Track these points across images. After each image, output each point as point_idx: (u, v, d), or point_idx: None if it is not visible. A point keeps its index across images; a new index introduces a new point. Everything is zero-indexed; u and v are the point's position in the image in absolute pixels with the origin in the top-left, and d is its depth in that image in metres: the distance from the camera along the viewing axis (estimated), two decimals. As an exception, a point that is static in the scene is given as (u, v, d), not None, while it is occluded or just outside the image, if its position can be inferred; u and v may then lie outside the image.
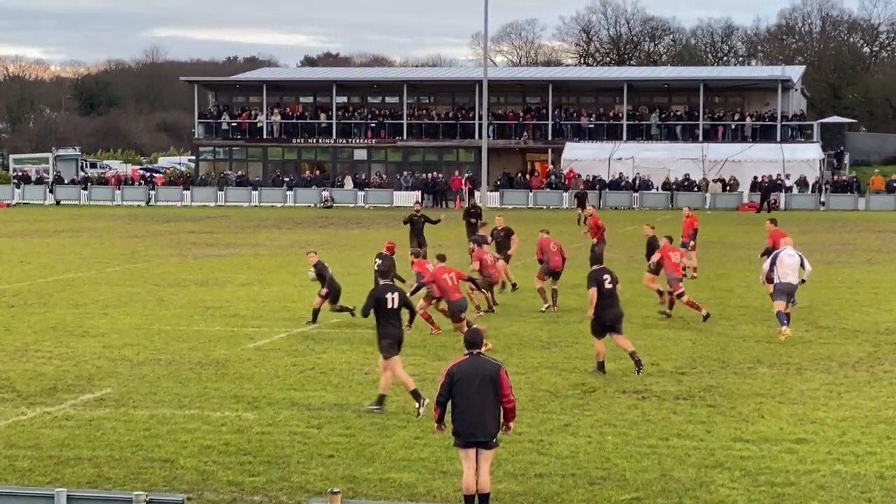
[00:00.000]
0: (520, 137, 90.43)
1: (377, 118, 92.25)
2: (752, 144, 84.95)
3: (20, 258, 43.40)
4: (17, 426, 17.66)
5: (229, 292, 33.44)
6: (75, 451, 16.30)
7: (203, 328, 27.02)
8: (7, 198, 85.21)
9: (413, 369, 21.91)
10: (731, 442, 16.71)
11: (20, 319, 28.20)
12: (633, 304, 30.53)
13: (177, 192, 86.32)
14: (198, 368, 22.12)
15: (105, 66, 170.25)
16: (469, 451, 13.24)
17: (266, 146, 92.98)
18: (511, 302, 30.85)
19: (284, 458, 15.89)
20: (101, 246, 48.97)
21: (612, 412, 18.48)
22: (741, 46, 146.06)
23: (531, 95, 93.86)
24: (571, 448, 16.38)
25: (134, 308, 30.22)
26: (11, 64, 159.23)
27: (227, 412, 18.51)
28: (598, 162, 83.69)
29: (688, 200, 77.86)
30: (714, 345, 24.58)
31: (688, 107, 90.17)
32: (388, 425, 17.63)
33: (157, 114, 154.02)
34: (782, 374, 21.59)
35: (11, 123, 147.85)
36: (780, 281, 25.58)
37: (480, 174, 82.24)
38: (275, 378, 21.19)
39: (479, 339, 13.53)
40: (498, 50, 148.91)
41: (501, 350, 23.09)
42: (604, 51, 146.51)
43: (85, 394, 19.88)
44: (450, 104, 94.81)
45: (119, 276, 37.75)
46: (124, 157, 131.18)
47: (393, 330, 18.66)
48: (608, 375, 21.28)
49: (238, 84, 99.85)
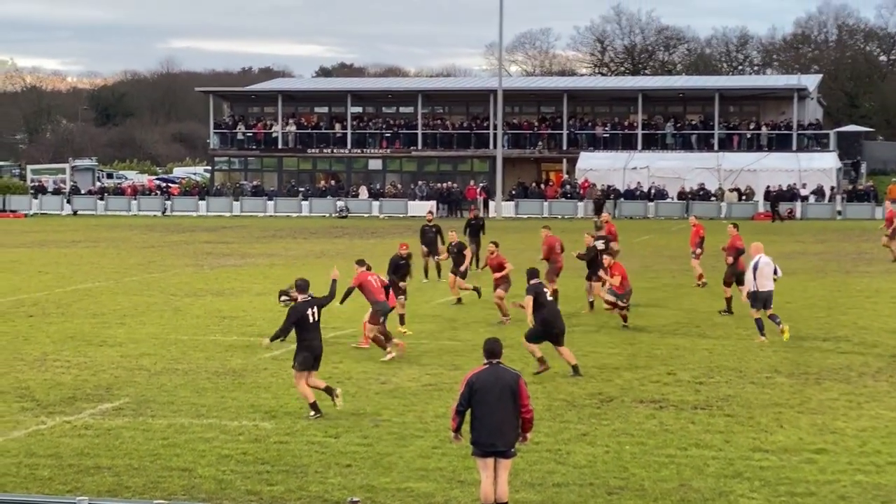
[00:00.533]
0: (534, 147, 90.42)
1: (392, 128, 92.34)
2: (768, 153, 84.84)
3: (38, 268, 43.51)
4: (37, 435, 17.70)
5: (245, 302, 33.48)
6: (95, 459, 16.33)
7: (220, 338, 27.06)
8: (25, 208, 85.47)
9: (430, 378, 21.94)
10: (750, 452, 16.66)
11: (39, 329, 28.26)
12: (648, 316, 30.52)
13: (192, 203, 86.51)
14: (215, 378, 22.15)
15: (121, 77, 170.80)
16: (487, 460, 13.23)
17: (281, 156, 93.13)
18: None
19: (302, 468, 15.89)
20: (118, 256, 49.07)
21: (629, 422, 18.44)
22: (756, 55, 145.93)
23: (546, 105, 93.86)
24: (589, 457, 16.36)
25: (151, 318, 30.28)
26: (29, 75, 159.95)
27: (245, 421, 18.52)
28: (613, 171, 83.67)
29: (703, 210, 77.88)
30: (731, 354, 24.53)
31: (703, 116, 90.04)
32: (405, 435, 17.62)
33: (173, 124, 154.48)
34: (801, 383, 21.53)
35: (29, 134, 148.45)
36: (760, 290, 25.90)
37: (495, 184, 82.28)
38: (292, 388, 21.13)
39: (499, 348, 13.52)
40: (512, 60, 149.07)
41: (518, 359, 23.04)
42: (618, 60, 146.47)
43: (104, 403, 19.91)
44: (464, 114, 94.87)
45: (136, 285, 37.83)
46: (140, 167, 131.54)
47: (314, 344, 18.96)
48: (625, 385, 21.25)
49: (253, 94, 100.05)
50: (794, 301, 33.25)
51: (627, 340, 26.35)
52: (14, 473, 15.66)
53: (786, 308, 31.67)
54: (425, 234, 38.77)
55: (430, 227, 39.09)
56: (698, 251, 36.98)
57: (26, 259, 47.49)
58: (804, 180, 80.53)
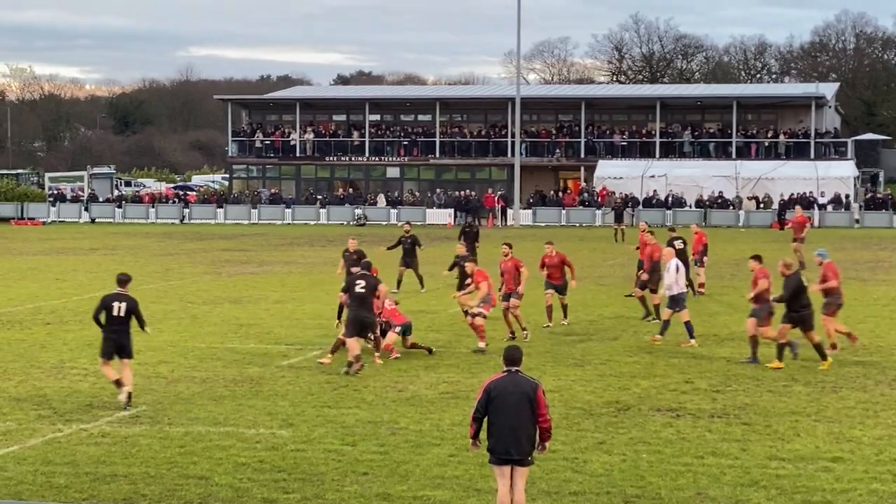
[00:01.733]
0: (552, 155, 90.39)
1: (410, 136, 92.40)
2: (786, 162, 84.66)
3: (56, 276, 43.65)
4: (53, 443, 17.75)
5: (263, 310, 33.53)
6: (111, 467, 16.36)
7: (237, 346, 27.11)
8: (43, 216, 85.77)
9: (447, 386, 21.94)
10: (767, 460, 16.63)
11: (56, 337, 28.35)
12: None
13: (210, 210, 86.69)
14: (232, 386, 22.19)
15: (140, 85, 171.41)
16: (504, 468, 13.22)
17: (299, 164, 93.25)
18: (542, 319, 30.60)
19: (319, 476, 15.90)
20: (136, 263, 49.19)
21: (646, 430, 18.42)
22: (774, 64, 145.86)
23: (564, 113, 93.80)
24: (606, 466, 16.34)
25: (168, 325, 30.34)
26: (47, 83, 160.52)
27: (262, 429, 18.55)
28: (631, 180, 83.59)
29: (721, 218, 77.85)
30: (749, 363, 24.46)
31: (721, 124, 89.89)
32: (422, 443, 17.62)
33: (191, 132, 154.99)
34: (818, 392, 21.48)
35: (47, 142, 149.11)
36: (680, 292, 26.79)
37: (513, 192, 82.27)
38: (309, 395, 21.22)
39: (519, 356, 13.50)
40: (531, 68, 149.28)
41: (535, 368, 23.05)
42: (636, 68, 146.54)
43: (120, 411, 19.95)
44: (482, 122, 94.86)
45: (153, 293, 37.90)
46: (158, 175, 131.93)
47: (114, 336, 20.44)
48: (642, 393, 21.23)
49: (271, 102, 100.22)
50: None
51: (645, 349, 26.32)
52: (30, 481, 15.71)
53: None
54: (402, 244, 38.61)
55: (407, 238, 39.03)
56: (704, 259, 37.48)
57: (44, 267, 47.64)
58: (822, 188, 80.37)
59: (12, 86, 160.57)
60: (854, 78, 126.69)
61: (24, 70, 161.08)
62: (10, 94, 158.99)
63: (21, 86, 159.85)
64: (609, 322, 30.77)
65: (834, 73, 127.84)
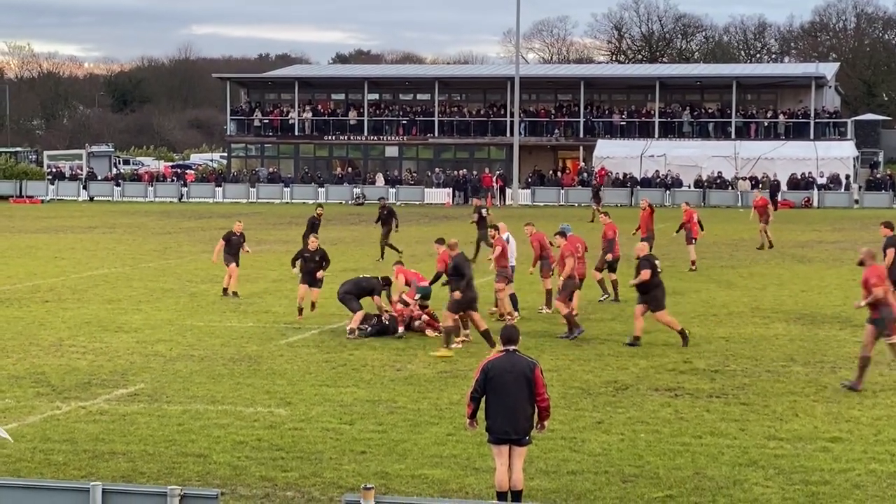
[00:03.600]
0: (551, 135, 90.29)
1: (409, 115, 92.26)
2: (785, 142, 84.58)
3: (54, 254, 43.62)
4: (52, 420, 17.76)
5: (261, 288, 33.52)
6: (109, 445, 16.37)
7: (235, 324, 27.11)
8: (41, 194, 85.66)
9: (445, 366, 21.94)
10: (765, 440, 16.63)
11: (54, 314, 28.34)
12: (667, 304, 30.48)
13: (209, 189, 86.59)
14: (230, 364, 22.19)
15: (138, 64, 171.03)
16: (502, 447, 13.21)
17: (298, 143, 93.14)
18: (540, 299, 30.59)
19: (317, 454, 15.91)
20: (134, 242, 49.18)
21: (644, 410, 18.43)
22: (774, 44, 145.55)
23: (563, 93, 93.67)
24: (604, 445, 16.35)
25: (167, 304, 30.34)
26: (46, 61, 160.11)
27: (260, 408, 18.55)
28: (630, 159, 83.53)
29: (720, 198, 77.82)
30: (747, 343, 24.49)
31: (720, 104, 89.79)
32: (420, 422, 17.63)
33: (190, 111, 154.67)
34: (816, 372, 21.49)
35: (46, 120, 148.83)
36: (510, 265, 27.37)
37: (512, 171, 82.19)
38: (307, 374, 21.23)
39: (516, 335, 13.49)
40: (530, 47, 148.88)
41: (533, 347, 23.04)
42: (636, 48, 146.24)
43: (119, 389, 19.96)
44: (481, 101, 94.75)
45: (152, 272, 37.92)
46: (157, 153, 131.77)
47: None
48: (640, 373, 21.24)
49: (270, 81, 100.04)
50: (811, 290, 33.19)
51: (643, 328, 26.27)
52: (29, 458, 15.72)
53: (801, 296, 31.67)
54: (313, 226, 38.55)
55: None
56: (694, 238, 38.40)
57: (43, 245, 47.60)
58: (821, 169, 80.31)
59: (11, 63, 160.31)
60: (854, 58, 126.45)
61: (22, 48, 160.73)
62: (9, 71, 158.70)
63: (20, 63, 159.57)
64: (606, 303, 30.73)
65: (834, 53, 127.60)
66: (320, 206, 43.15)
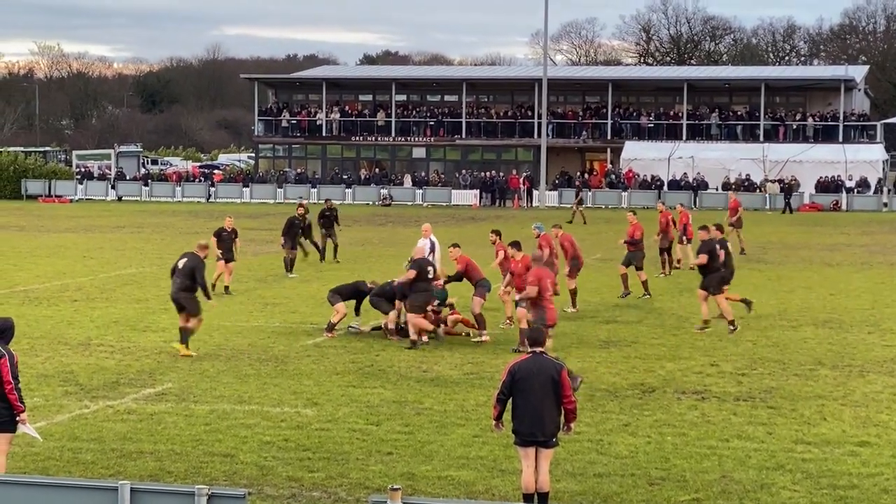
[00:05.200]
0: (579, 136, 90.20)
1: (436, 116, 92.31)
2: (814, 145, 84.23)
3: (83, 253, 43.81)
4: (80, 419, 17.83)
5: (289, 289, 33.59)
6: (137, 444, 16.43)
7: (262, 324, 27.16)
8: (70, 194, 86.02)
9: (471, 367, 21.94)
10: (793, 444, 16.57)
11: (83, 314, 28.45)
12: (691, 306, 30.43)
13: (236, 189, 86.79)
14: (257, 364, 22.23)
15: (167, 64, 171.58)
16: (529, 449, 13.21)
17: (325, 144, 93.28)
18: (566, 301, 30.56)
19: (343, 455, 15.92)
20: (162, 242, 49.35)
21: (671, 412, 18.38)
22: (803, 46, 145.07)
23: (591, 94, 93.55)
24: (631, 448, 16.32)
25: (194, 304, 30.37)
26: (76, 61, 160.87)
27: (287, 408, 18.58)
28: (658, 162, 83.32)
29: (749, 201, 77.48)
30: (774, 346, 24.40)
31: (748, 107, 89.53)
32: (446, 423, 17.63)
33: (218, 111, 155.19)
34: (844, 375, 21.39)
35: (75, 120, 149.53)
36: None
37: (539, 173, 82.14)
38: (334, 375, 21.26)
39: (542, 337, 13.48)
40: (557, 49, 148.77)
41: (561, 349, 23.02)
42: (664, 50, 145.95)
43: (146, 388, 20.03)
44: (509, 103, 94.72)
45: (180, 271, 37.96)
46: (185, 153, 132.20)
47: None
48: (667, 375, 21.18)
49: (298, 82, 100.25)
50: (839, 293, 33.04)
51: (670, 331, 26.27)
52: (57, 457, 15.79)
53: (829, 300, 31.54)
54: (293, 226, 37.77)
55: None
56: (684, 238, 38.00)
57: (71, 244, 47.81)
58: (850, 172, 79.96)
59: (41, 63, 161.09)
60: (884, 60, 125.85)
61: (52, 48, 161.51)
62: (39, 71, 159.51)
63: (49, 63, 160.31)
64: (634, 305, 30.69)
65: (863, 56, 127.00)
66: (301, 205, 40.35)
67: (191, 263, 23.23)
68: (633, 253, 32.17)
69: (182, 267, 23.28)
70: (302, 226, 38.28)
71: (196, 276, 23.10)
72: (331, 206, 42.37)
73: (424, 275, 24.42)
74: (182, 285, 23.19)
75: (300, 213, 38.54)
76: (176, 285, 23.31)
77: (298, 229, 37.98)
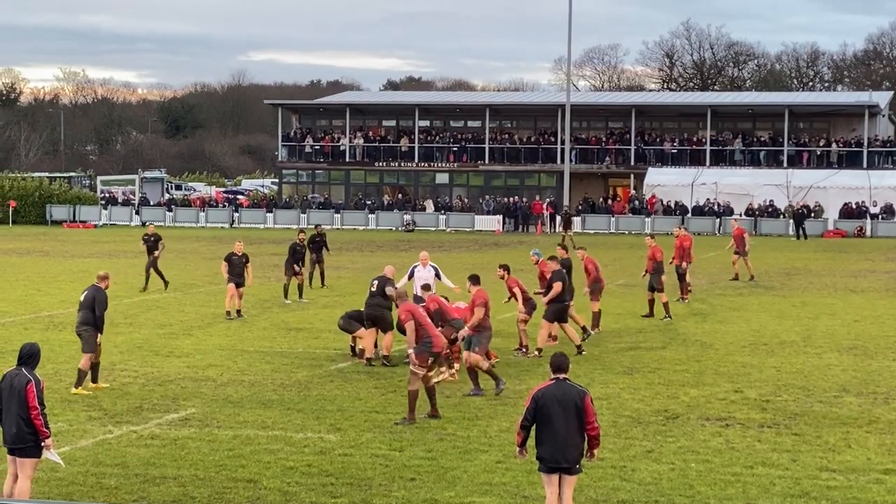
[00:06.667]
0: (602, 162, 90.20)
1: (459, 142, 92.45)
2: (838, 171, 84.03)
3: (106, 278, 43.87)
4: (104, 444, 17.86)
5: (311, 314, 33.62)
6: (161, 469, 16.45)
7: (286, 349, 27.19)
8: (94, 219, 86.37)
9: (494, 393, 21.87)
10: (818, 471, 16.49)
11: (107, 339, 28.41)
12: (715, 333, 30.34)
13: (260, 215, 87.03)
14: (280, 390, 22.25)
15: (191, 90, 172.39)
16: (552, 476, 13.18)
17: (349, 169, 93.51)
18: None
19: (366, 481, 15.91)
20: (186, 267, 49.47)
21: (695, 439, 18.32)
22: (827, 72, 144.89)
23: (614, 120, 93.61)
24: (654, 475, 16.26)
25: (218, 329, 30.48)
26: (100, 87, 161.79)
27: (310, 433, 18.59)
28: (681, 187, 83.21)
29: (771, 227, 77.40)
30: (799, 373, 24.30)
31: (772, 132, 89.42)
32: (469, 449, 17.61)
33: (242, 136, 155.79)
34: (869, 402, 21.29)
35: (99, 145, 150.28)
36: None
37: (562, 199, 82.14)
38: (357, 400, 21.26)
39: (566, 363, 13.47)
40: (581, 74, 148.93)
41: (583, 375, 22.98)
42: (687, 76, 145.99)
43: (170, 413, 20.07)
44: (532, 128, 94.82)
45: (203, 297, 38.12)
46: (209, 179, 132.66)
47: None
48: (691, 402, 21.12)
49: (321, 107, 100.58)
50: (863, 319, 32.91)
51: (694, 357, 26.20)
52: (81, 482, 15.82)
53: (854, 326, 31.41)
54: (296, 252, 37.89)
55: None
56: (684, 264, 37.29)
57: (95, 269, 47.61)
58: (874, 198, 79.72)
59: (66, 89, 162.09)
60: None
61: (77, 74, 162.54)
62: (64, 97, 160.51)
63: (74, 89, 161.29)
64: (657, 330, 30.64)
65: (888, 82, 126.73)
66: (302, 230, 41.09)
67: (91, 294, 22.44)
68: (654, 276, 32.66)
69: (83, 300, 22.51)
70: (304, 252, 38.67)
71: (95, 307, 22.31)
72: (320, 231, 42.37)
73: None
74: (84, 318, 22.36)
75: (301, 238, 38.93)
76: (78, 319, 22.49)
77: (301, 255, 38.22)
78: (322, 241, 41.51)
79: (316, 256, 41.01)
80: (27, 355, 14.02)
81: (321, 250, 41.35)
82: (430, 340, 19.65)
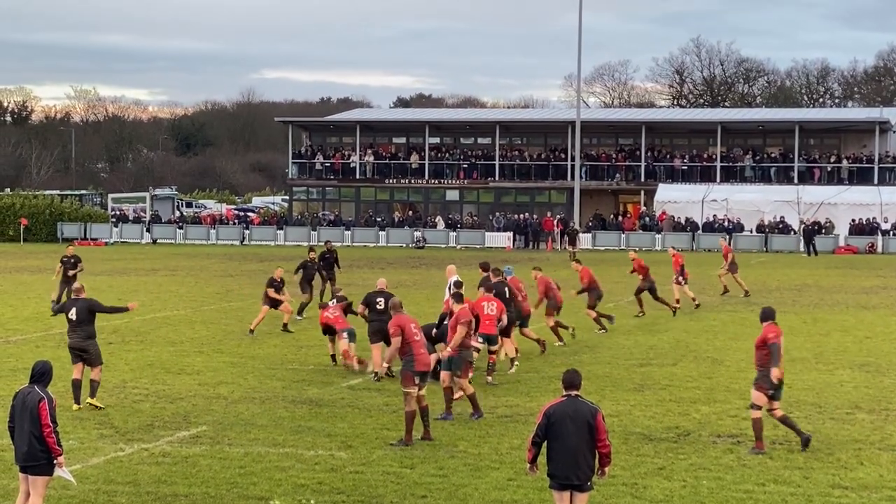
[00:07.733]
0: (612, 179, 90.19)
1: (469, 159, 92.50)
2: (849, 187, 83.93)
3: (118, 296, 43.95)
4: (115, 462, 17.88)
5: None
6: (172, 487, 16.45)
7: (297, 367, 27.19)
8: (105, 237, 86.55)
9: (505, 409, 21.89)
10: (830, 489, 16.46)
11: (118, 356, 28.56)
12: (726, 349, 30.30)
13: (270, 232, 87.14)
14: (292, 407, 22.25)
15: (202, 107, 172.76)
16: (564, 493, 13.16)
17: (359, 186, 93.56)
18: (601, 343, 30.62)
19: (377, 498, 15.90)
20: (197, 285, 49.53)
21: (706, 456, 18.29)
22: (837, 88, 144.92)
23: (624, 136, 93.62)
24: (666, 492, 16.23)
25: (229, 346, 30.50)
26: (111, 105, 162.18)
27: (321, 451, 18.58)
28: (692, 204, 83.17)
29: (782, 243, 77.27)
30: (810, 389, 24.24)
31: (783, 148, 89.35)
32: (480, 466, 17.59)
33: (252, 154, 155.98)
34: (882, 419, 21.24)
35: (110, 163, 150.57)
36: None
37: (573, 215, 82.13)
38: (368, 417, 21.25)
39: (578, 380, 13.45)
40: (591, 91, 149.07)
41: (594, 392, 22.95)
42: (697, 92, 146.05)
43: (181, 431, 20.07)
44: (542, 145, 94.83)
45: (214, 314, 38.15)
46: (219, 196, 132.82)
47: None
48: (702, 419, 21.08)
49: (332, 125, 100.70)
50: (875, 336, 32.84)
51: (705, 374, 26.16)
52: (92, 500, 15.83)
53: (865, 343, 31.34)
54: (307, 269, 38.43)
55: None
56: (680, 279, 39.03)
57: (106, 287, 48.02)
58: (885, 214, 79.62)
59: (77, 107, 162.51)
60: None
61: (88, 92, 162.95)
62: (75, 115, 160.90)
63: (85, 107, 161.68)
64: (668, 347, 30.60)
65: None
66: (312, 248, 41.05)
67: (83, 306, 22.41)
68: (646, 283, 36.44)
69: (76, 317, 22.39)
70: (314, 270, 38.85)
71: (97, 310, 22.54)
72: (330, 247, 42.37)
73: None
74: (87, 333, 22.40)
75: (311, 256, 39.08)
76: (79, 335, 22.38)
77: (312, 273, 38.36)
78: (332, 257, 41.54)
79: (327, 273, 41.05)
80: (39, 373, 14.06)
81: (332, 267, 41.39)
82: (413, 358, 19.59)
